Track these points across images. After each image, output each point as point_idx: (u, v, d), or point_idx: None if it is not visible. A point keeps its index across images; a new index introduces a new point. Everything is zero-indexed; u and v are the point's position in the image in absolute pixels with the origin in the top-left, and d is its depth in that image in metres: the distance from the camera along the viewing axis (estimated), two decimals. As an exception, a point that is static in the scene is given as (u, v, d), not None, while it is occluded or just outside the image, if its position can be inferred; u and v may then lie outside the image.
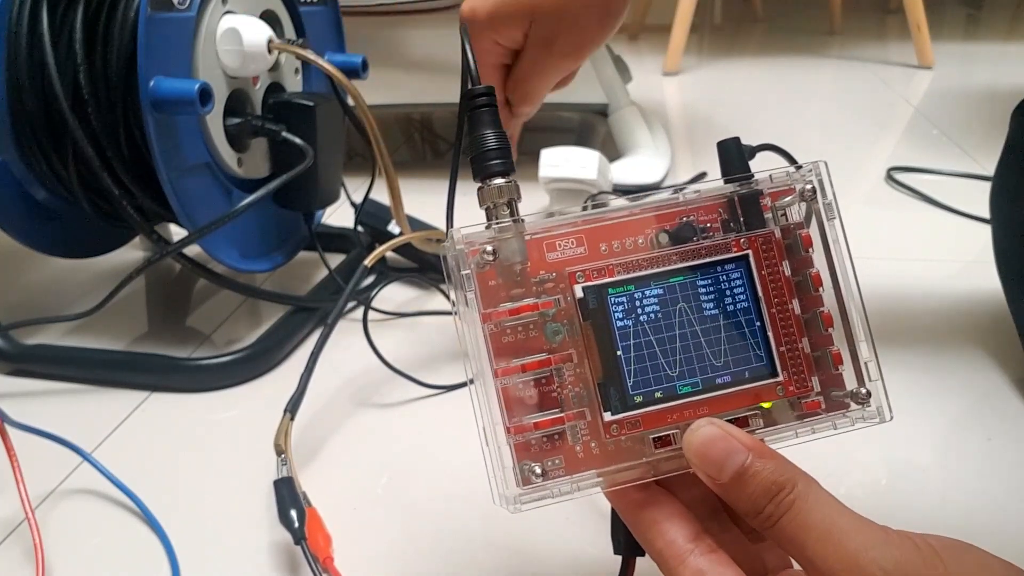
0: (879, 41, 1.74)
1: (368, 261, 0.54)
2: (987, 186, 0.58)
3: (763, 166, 0.30)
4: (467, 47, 0.30)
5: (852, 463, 0.47)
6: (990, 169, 0.57)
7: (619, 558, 0.30)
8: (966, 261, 0.74)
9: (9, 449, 0.41)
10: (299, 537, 0.41)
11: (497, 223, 0.28)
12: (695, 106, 1.30)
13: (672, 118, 1.24)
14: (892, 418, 0.30)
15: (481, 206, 0.29)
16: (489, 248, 0.27)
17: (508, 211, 0.28)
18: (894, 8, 2.02)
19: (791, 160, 0.31)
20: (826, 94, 1.40)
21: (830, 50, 1.73)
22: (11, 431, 0.42)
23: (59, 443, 0.47)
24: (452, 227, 0.28)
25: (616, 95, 1.02)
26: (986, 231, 0.59)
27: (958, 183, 0.91)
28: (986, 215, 0.59)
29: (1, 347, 0.58)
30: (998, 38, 1.87)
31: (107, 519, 0.45)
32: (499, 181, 0.29)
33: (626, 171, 0.91)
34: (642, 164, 0.93)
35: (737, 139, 0.30)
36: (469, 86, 0.30)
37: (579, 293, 0.28)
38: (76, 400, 0.56)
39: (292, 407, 0.48)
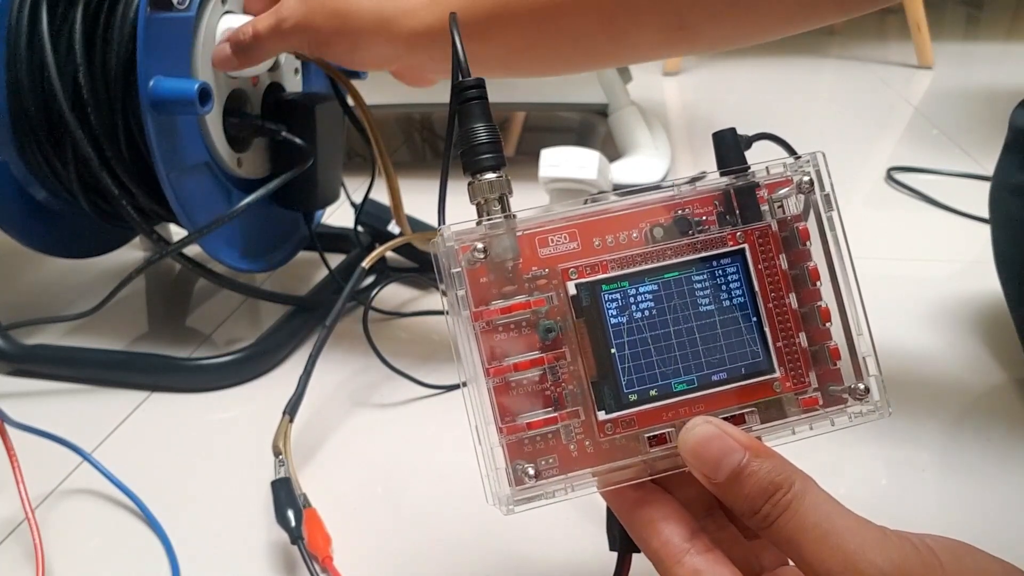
0: (879, 41, 1.74)
1: (366, 262, 0.54)
2: (987, 186, 0.58)
3: (760, 157, 0.30)
4: (456, 39, 0.30)
5: (852, 462, 0.47)
6: (990, 169, 0.57)
7: (615, 554, 0.30)
8: (966, 261, 0.73)
9: (9, 449, 0.41)
10: (296, 537, 0.41)
11: (488, 219, 0.28)
12: (695, 106, 1.29)
13: (672, 118, 1.23)
14: (891, 413, 0.29)
15: (472, 201, 0.29)
16: (480, 245, 0.27)
17: (499, 206, 0.28)
18: (894, 8, 2.02)
19: (789, 149, 0.31)
20: (826, 94, 1.40)
21: (830, 50, 1.73)
22: (11, 431, 0.42)
23: (59, 443, 0.47)
24: (443, 224, 0.27)
25: (616, 95, 1.02)
26: (986, 231, 0.59)
27: (958, 183, 0.91)
28: (986, 215, 0.59)
29: (1, 347, 0.58)
30: (998, 38, 1.86)
31: (107, 519, 0.45)
32: (490, 176, 0.28)
33: (626, 171, 0.91)
34: (642, 164, 0.93)
35: (733, 129, 0.30)
36: (459, 79, 0.30)
37: (572, 290, 0.27)
38: (76, 400, 0.56)
39: (291, 409, 0.48)
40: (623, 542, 0.29)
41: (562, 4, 0.45)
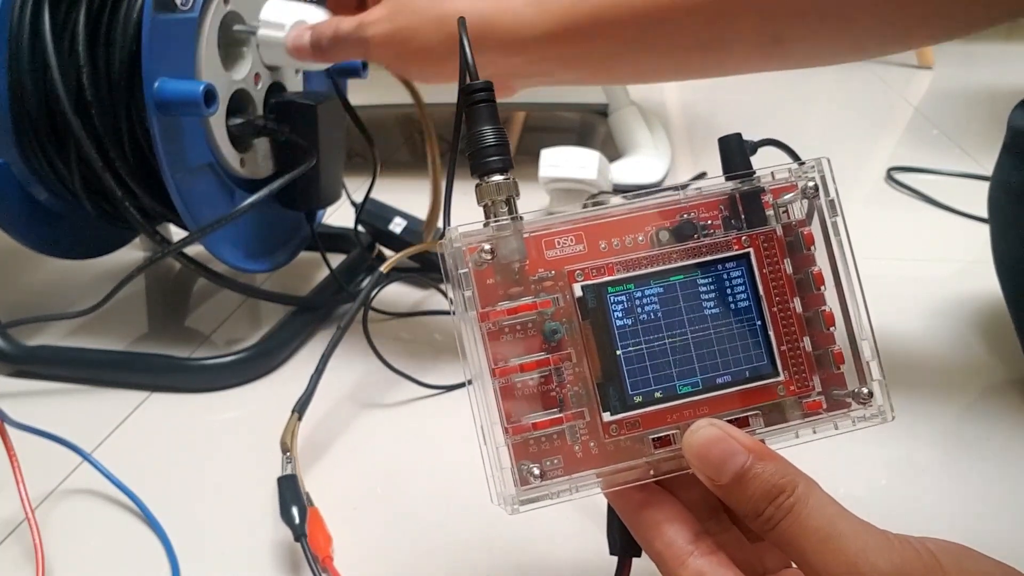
0: (879, 41, 1.74)
1: (385, 267, 0.54)
2: (987, 186, 0.58)
3: (765, 162, 0.30)
4: (464, 41, 0.30)
5: (852, 463, 0.47)
6: (990, 169, 0.57)
7: (615, 558, 0.30)
8: (966, 261, 0.74)
9: (9, 449, 0.41)
10: (299, 533, 0.41)
11: (495, 221, 0.28)
12: (695, 106, 1.29)
13: (672, 118, 1.23)
14: (894, 418, 0.30)
15: (479, 203, 0.29)
16: (487, 246, 0.27)
17: (506, 208, 0.28)
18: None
19: (794, 156, 0.31)
20: (826, 94, 1.40)
21: (830, 50, 1.73)
22: (11, 431, 0.42)
23: (59, 443, 0.47)
24: (449, 225, 0.28)
25: (616, 95, 1.02)
26: (986, 231, 0.59)
27: (958, 183, 0.91)
28: (986, 215, 0.59)
29: (3, 348, 0.58)
30: (998, 38, 1.86)
31: (107, 519, 0.45)
32: (497, 178, 0.28)
33: (626, 171, 0.91)
34: (642, 164, 0.93)
35: (739, 135, 0.30)
36: (467, 81, 0.30)
37: (578, 292, 0.28)
38: (76, 400, 0.56)
39: (300, 407, 0.48)
40: (623, 546, 0.29)
41: (665, 9, 0.44)
